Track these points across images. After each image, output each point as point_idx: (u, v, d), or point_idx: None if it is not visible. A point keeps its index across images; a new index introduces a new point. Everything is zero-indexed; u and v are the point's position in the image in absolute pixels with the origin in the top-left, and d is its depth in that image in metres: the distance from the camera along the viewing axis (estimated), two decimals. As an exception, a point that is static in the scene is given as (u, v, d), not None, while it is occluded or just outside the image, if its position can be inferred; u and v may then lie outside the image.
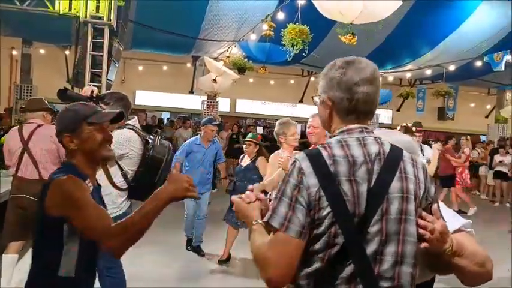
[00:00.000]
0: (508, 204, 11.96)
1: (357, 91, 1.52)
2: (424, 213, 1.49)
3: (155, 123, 17.04)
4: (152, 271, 5.40)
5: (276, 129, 4.42)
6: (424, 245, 1.47)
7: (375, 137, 1.55)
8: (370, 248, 1.44)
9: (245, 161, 5.79)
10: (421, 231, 1.47)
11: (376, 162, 1.48)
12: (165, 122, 17.85)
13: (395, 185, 1.47)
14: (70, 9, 7.57)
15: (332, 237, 1.43)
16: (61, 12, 7.58)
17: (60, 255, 1.93)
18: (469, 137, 10.51)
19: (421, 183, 1.53)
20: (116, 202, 3.27)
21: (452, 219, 1.73)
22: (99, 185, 2.20)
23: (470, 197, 10.20)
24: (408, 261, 1.48)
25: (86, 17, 7.43)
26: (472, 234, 1.77)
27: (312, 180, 1.43)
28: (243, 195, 1.66)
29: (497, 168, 12.07)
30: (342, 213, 1.42)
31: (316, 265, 1.45)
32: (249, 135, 6.05)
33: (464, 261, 1.59)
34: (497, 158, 12.21)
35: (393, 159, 1.51)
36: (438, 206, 1.55)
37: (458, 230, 1.74)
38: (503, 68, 10.85)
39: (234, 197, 1.67)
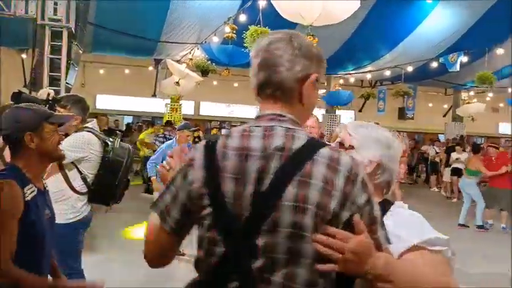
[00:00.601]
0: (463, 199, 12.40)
1: (252, 62, 1.33)
2: (331, 229, 1.18)
3: (118, 127, 16.79)
4: (123, 273, 5.32)
5: None
6: (324, 267, 1.18)
7: (289, 128, 1.25)
8: (257, 264, 1.18)
9: None
10: (323, 249, 1.17)
11: (274, 159, 1.20)
12: (133, 126, 17.65)
13: (290, 190, 1.17)
14: (27, 11, 7.38)
15: (212, 244, 1.23)
16: (17, 15, 7.37)
17: None
18: (405, 133, 10.84)
19: (336, 191, 1.18)
20: (75, 206, 3.22)
21: (409, 232, 1.39)
22: (46, 189, 2.14)
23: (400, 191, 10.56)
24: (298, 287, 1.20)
25: (43, 19, 7.26)
26: (437, 253, 1.40)
27: (197, 174, 1.25)
28: (164, 163, 1.56)
29: (454, 165, 12.47)
30: (222, 217, 1.22)
31: (200, 276, 1.29)
32: None
33: None
34: (454, 155, 12.63)
35: (298, 157, 1.19)
36: (373, 218, 1.24)
37: (415, 248, 1.37)
38: (458, 69, 11.28)
39: (158, 167, 1.57)
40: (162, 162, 5.87)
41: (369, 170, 1.51)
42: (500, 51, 10.43)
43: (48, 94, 3.07)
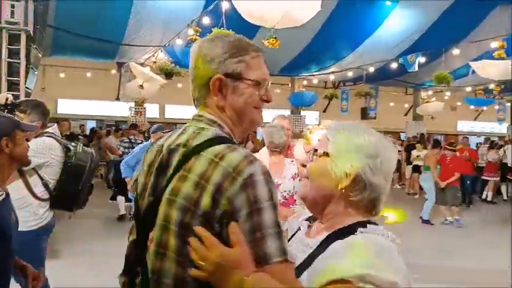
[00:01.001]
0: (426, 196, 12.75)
1: None
2: (202, 232, 1.11)
3: (83, 132, 16.41)
4: (89, 277, 5.23)
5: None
6: (195, 272, 1.10)
7: (201, 127, 1.28)
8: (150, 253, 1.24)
9: None
10: (192, 254, 1.11)
11: (175, 153, 1.25)
12: (98, 130, 17.26)
13: (173, 183, 1.20)
14: (-18, 14, 7.15)
15: (131, 232, 1.37)
16: (-28, 18, 7.14)
17: None
18: None
19: (209, 185, 1.12)
20: (37, 213, 3.15)
21: (352, 262, 1.08)
22: (8, 193, 2.17)
23: None
24: (166, 282, 1.18)
25: (0, 22, 7.05)
26: None
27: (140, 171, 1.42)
28: None
29: (415, 163, 12.82)
30: (136, 206, 1.34)
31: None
32: None
33: None
34: (415, 153, 12.98)
35: (188, 153, 1.21)
36: (256, 225, 1.10)
37: (342, 281, 1.06)
38: (416, 69, 11.62)
39: None
40: (135, 164, 5.82)
41: (345, 183, 1.23)
42: (456, 51, 10.80)
43: (7, 99, 3.01)
